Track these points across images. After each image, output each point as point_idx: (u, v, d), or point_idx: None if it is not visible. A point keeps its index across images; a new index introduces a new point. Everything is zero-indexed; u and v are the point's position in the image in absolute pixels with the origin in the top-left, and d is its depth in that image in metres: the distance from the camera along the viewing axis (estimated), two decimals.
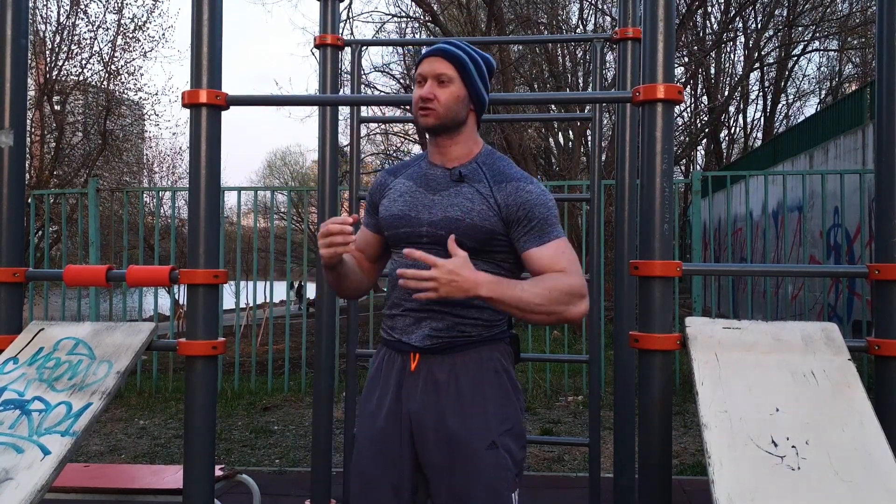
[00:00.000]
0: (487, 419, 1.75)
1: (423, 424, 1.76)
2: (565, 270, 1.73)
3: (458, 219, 1.75)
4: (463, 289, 1.61)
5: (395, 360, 1.83)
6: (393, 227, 1.84)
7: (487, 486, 1.72)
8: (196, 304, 1.97)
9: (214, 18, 1.98)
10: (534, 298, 1.66)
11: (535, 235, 1.76)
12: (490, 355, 1.80)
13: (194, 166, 1.97)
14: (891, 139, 1.82)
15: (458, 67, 1.78)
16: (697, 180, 6.85)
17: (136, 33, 14.14)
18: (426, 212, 1.79)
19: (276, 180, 39.23)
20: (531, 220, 1.75)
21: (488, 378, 1.78)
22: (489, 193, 1.77)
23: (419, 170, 1.88)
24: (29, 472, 1.57)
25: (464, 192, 1.78)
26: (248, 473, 3.11)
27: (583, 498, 3.74)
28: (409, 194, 1.84)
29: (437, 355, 1.78)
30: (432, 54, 1.80)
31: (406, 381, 1.80)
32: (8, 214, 2.08)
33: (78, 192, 8.40)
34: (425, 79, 1.79)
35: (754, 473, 1.39)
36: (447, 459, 1.74)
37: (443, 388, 1.76)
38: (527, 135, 13.60)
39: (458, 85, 1.78)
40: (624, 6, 3.06)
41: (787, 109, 22.72)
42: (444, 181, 1.82)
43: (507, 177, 1.80)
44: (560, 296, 1.68)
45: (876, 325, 1.84)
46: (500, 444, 1.74)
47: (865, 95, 8.97)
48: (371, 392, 1.87)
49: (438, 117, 1.77)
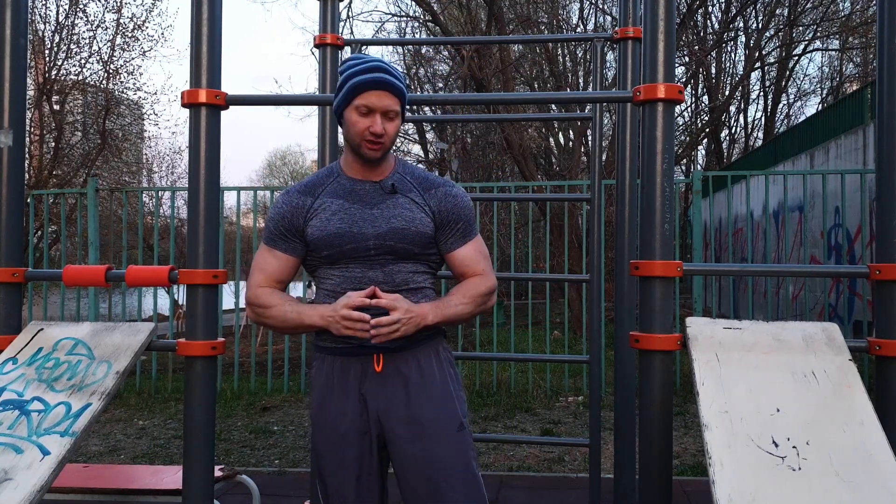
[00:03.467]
0: (453, 404, 1.89)
1: (392, 420, 1.85)
2: (483, 272, 1.95)
3: (405, 228, 1.87)
4: (415, 323, 1.80)
5: (350, 366, 1.88)
6: (335, 245, 1.87)
7: (461, 464, 1.85)
8: (195, 305, 1.97)
9: (214, 18, 1.98)
10: (465, 310, 1.89)
11: (460, 237, 1.94)
12: (441, 346, 1.95)
13: (194, 166, 1.97)
14: (892, 139, 1.81)
15: (401, 101, 1.86)
16: (698, 180, 6.84)
17: (136, 32, 14.13)
18: (369, 226, 1.87)
19: (275, 180, 39.27)
20: (458, 222, 1.93)
21: (446, 366, 1.94)
22: (422, 201, 1.91)
23: (342, 186, 1.92)
24: (28, 472, 1.57)
25: (400, 202, 1.89)
26: (247, 474, 3.11)
27: (583, 498, 3.74)
28: (343, 212, 1.88)
29: (401, 352, 1.87)
30: (380, 87, 1.82)
31: (369, 382, 1.87)
32: (7, 214, 2.08)
33: (77, 191, 8.39)
34: (371, 111, 1.82)
35: (755, 474, 1.39)
36: (421, 448, 1.83)
37: (411, 382, 1.86)
38: (527, 135, 13.59)
39: (399, 118, 1.87)
40: (624, 6, 3.06)
41: (788, 109, 22.73)
42: (378, 194, 1.90)
43: (432, 183, 1.94)
44: (482, 299, 1.92)
45: (877, 325, 1.84)
46: (465, 424, 1.91)
47: (866, 95, 8.96)
48: (325, 401, 1.90)
49: (385, 150, 1.87)
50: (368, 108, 1.82)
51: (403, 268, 1.88)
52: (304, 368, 6.95)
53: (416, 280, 1.90)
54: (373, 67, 1.82)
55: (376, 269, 1.86)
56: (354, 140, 1.85)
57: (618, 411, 3.02)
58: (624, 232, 2.99)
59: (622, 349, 2.95)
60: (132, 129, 17.43)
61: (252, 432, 5.48)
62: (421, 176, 1.96)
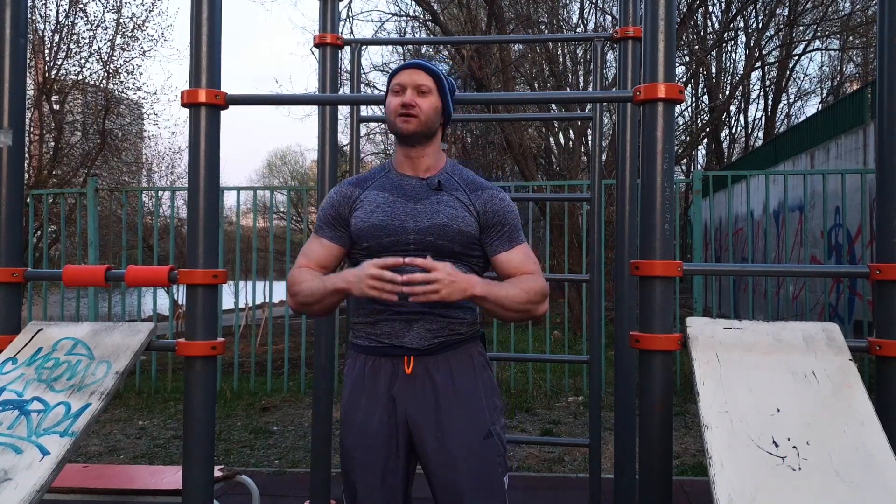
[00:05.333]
0: (483, 411, 1.85)
1: (420, 426, 1.82)
2: (534, 273, 1.88)
3: (446, 225, 1.85)
4: (461, 288, 1.72)
5: (381, 366, 1.86)
6: (375, 238, 1.88)
7: (485, 473, 1.82)
8: (195, 305, 1.96)
9: (214, 17, 1.98)
10: (515, 296, 1.81)
11: (506, 240, 1.90)
12: (476, 351, 1.92)
13: (193, 166, 1.97)
14: (892, 139, 1.81)
15: (436, 80, 1.90)
16: (698, 180, 6.84)
17: (136, 32, 14.13)
18: (411, 220, 1.86)
19: (275, 180, 39.22)
20: (504, 225, 1.90)
21: (479, 372, 1.90)
22: (468, 201, 1.89)
23: (389, 181, 1.94)
24: (28, 472, 1.57)
25: (445, 200, 1.88)
26: (247, 474, 3.11)
27: (583, 499, 3.74)
28: (387, 205, 1.89)
29: (433, 355, 1.84)
30: (410, 67, 1.90)
31: (399, 384, 1.84)
32: (7, 214, 2.07)
33: (77, 191, 8.39)
34: (404, 88, 1.88)
35: (755, 474, 1.39)
36: (446, 453, 1.81)
37: (440, 388, 1.83)
38: (527, 134, 13.58)
39: (436, 97, 1.89)
40: (624, 5, 3.06)
41: (789, 109, 22.72)
42: (423, 190, 1.90)
43: (480, 186, 1.93)
44: (534, 296, 1.84)
45: (877, 325, 1.84)
46: (494, 432, 1.86)
47: (866, 95, 8.96)
48: (356, 400, 1.88)
49: (419, 124, 1.87)
50: (401, 86, 1.88)
51: None
52: (304, 369, 6.95)
53: None
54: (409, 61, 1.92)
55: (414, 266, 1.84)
56: (391, 120, 1.89)
57: (618, 411, 3.02)
58: (624, 232, 2.99)
59: (622, 349, 2.95)
60: (132, 129, 17.42)
61: (252, 432, 5.48)
62: (469, 177, 1.95)
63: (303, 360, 6.94)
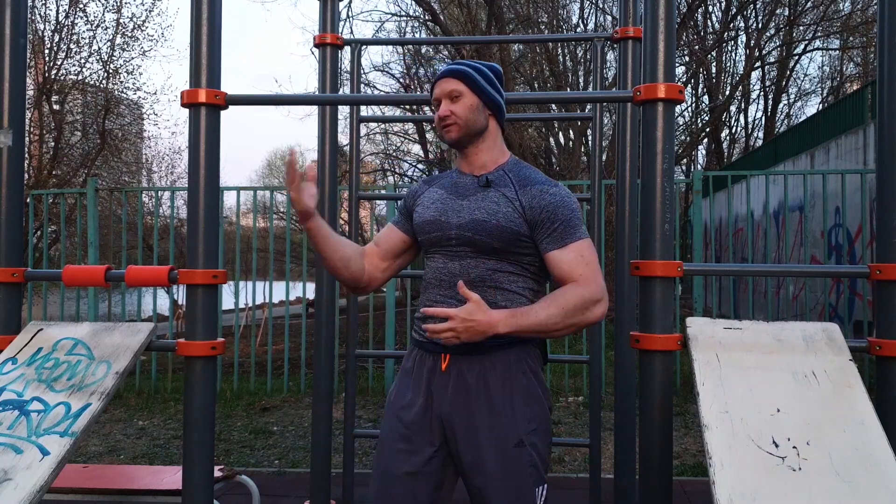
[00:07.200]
0: (515, 418, 1.81)
1: (453, 425, 1.83)
2: (581, 278, 1.78)
3: (485, 220, 1.84)
4: (479, 331, 1.69)
5: (426, 361, 1.90)
6: (425, 232, 1.94)
7: (513, 482, 1.79)
8: (195, 305, 1.96)
9: (214, 17, 1.98)
10: (550, 319, 1.73)
11: (557, 238, 1.82)
12: (519, 356, 1.85)
13: (193, 166, 1.97)
14: (892, 139, 1.81)
15: (465, 80, 1.90)
16: (698, 180, 6.84)
17: (135, 32, 14.15)
18: (455, 216, 1.89)
19: (275, 180, 39.21)
20: (554, 222, 1.82)
21: (517, 378, 1.84)
22: (514, 197, 1.86)
23: (450, 179, 2.00)
24: (28, 472, 1.57)
25: (490, 196, 1.88)
26: (247, 474, 3.11)
27: (583, 499, 3.74)
28: (440, 201, 1.94)
29: (467, 356, 1.84)
30: (440, 77, 1.93)
31: (437, 380, 1.86)
32: (7, 214, 2.08)
33: (77, 191, 8.39)
34: (439, 101, 1.92)
35: (755, 474, 1.39)
36: (476, 457, 1.80)
37: (472, 390, 1.83)
38: (527, 134, 13.60)
39: (469, 96, 1.90)
40: (624, 5, 3.06)
41: (789, 109, 22.71)
42: (473, 187, 1.92)
43: (531, 181, 1.88)
44: (574, 310, 1.75)
45: (877, 325, 1.84)
46: (528, 441, 1.81)
47: (867, 95, 8.96)
48: (403, 389, 1.93)
49: (459, 130, 1.90)
50: (437, 100, 1.93)
51: (483, 263, 1.84)
52: (304, 369, 6.95)
53: (498, 279, 1.83)
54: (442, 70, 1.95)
55: (455, 261, 1.86)
56: (438, 132, 1.94)
57: (618, 411, 3.02)
58: (624, 232, 2.99)
59: (622, 349, 2.95)
60: (132, 129, 17.44)
61: (252, 432, 5.48)
62: (524, 174, 1.90)
63: (303, 361, 6.94)
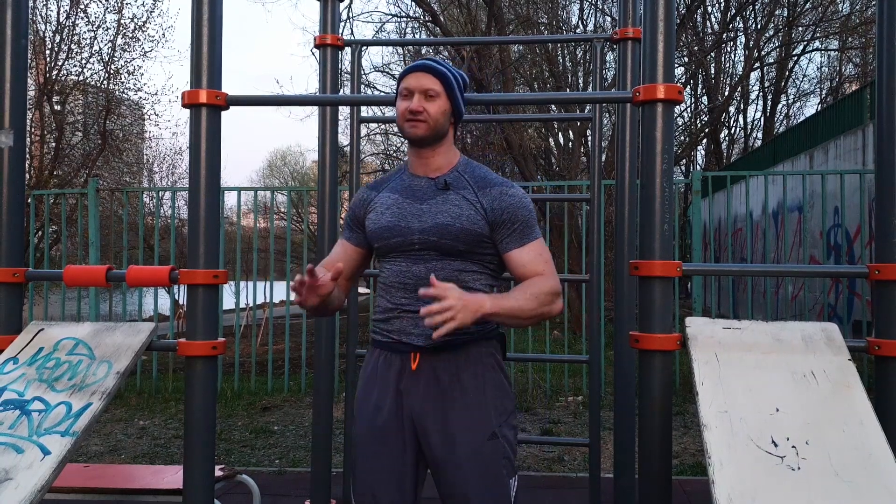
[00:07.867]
0: (488, 412, 1.84)
1: (425, 423, 1.83)
2: (544, 273, 1.85)
3: (449, 224, 1.84)
4: (472, 310, 1.69)
5: (392, 361, 1.88)
6: (383, 239, 1.91)
7: (488, 474, 1.81)
8: (196, 305, 1.97)
9: (214, 18, 1.99)
10: (527, 304, 1.78)
11: (517, 237, 1.87)
12: (487, 351, 1.89)
13: (194, 166, 1.97)
14: (891, 139, 1.82)
15: (444, 83, 1.88)
16: (697, 180, 6.84)
17: (136, 33, 14.15)
18: (416, 220, 1.88)
19: (276, 180, 39.18)
20: (514, 222, 1.87)
21: (488, 372, 1.87)
22: (475, 199, 1.87)
23: (402, 182, 1.97)
24: (29, 472, 1.57)
25: (451, 199, 1.88)
26: (247, 474, 3.11)
27: (583, 498, 3.74)
28: (395, 206, 1.92)
29: (439, 353, 1.84)
30: (418, 70, 1.89)
31: (406, 380, 1.85)
32: (8, 215, 2.08)
33: (78, 192, 8.39)
34: (412, 92, 1.88)
35: (754, 474, 1.39)
36: (450, 454, 1.81)
37: (445, 386, 1.83)
38: (527, 135, 13.59)
39: (444, 99, 1.89)
40: (624, 6, 3.06)
41: (788, 109, 22.69)
42: (430, 190, 1.91)
43: (489, 182, 1.90)
44: (544, 298, 1.81)
45: (876, 325, 1.84)
46: (500, 434, 1.84)
47: (865, 95, 8.96)
48: (368, 393, 1.91)
49: (427, 129, 1.87)
50: (408, 91, 1.88)
51: (448, 265, 1.85)
52: (305, 369, 6.95)
53: (464, 279, 1.86)
54: (417, 62, 1.92)
55: (420, 264, 1.86)
56: (399, 124, 1.90)
57: (618, 411, 3.02)
58: (623, 232, 2.99)
59: (622, 349, 2.95)
60: (133, 130, 17.45)
61: (252, 432, 5.48)
62: (480, 175, 1.92)
63: (303, 360, 6.94)
